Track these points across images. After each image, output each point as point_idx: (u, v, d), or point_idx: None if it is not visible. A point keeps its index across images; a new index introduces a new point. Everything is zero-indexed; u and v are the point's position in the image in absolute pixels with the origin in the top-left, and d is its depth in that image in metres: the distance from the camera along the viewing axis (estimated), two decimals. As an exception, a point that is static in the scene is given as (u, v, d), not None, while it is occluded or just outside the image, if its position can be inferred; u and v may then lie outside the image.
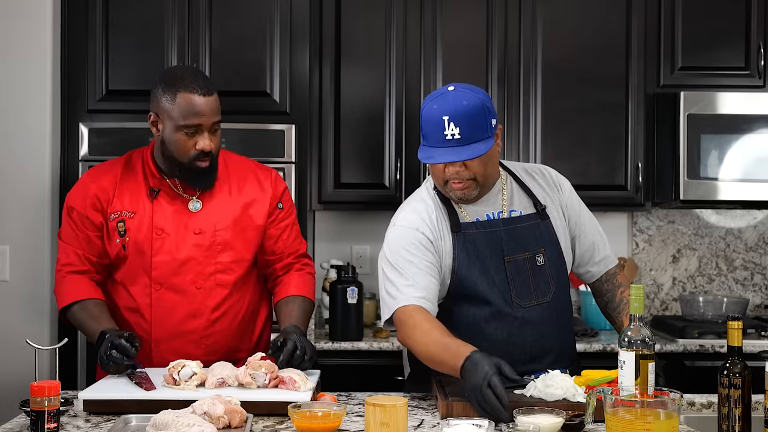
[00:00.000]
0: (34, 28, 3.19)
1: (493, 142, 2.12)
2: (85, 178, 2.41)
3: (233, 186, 2.39)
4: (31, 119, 3.19)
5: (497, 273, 2.18)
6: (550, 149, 3.53)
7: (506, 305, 2.18)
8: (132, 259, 2.31)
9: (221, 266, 2.34)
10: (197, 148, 2.25)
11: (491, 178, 2.21)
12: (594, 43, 3.54)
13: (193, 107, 2.23)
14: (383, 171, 3.53)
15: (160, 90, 2.27)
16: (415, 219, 2.22)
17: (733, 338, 1.74)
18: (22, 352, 2.77)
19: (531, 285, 2.20)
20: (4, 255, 3.17)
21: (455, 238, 2.19)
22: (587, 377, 1.99)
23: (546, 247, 2.23)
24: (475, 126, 2.08)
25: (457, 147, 2.09)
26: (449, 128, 2.07)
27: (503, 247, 2.19)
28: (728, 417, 1.73)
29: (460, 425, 1.69)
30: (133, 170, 2.37)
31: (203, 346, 2.33)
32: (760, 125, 3.44)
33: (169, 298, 2.31)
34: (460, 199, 2.21)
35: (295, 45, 3.32)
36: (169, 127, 2.26)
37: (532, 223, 2.24)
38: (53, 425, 1.68)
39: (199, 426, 1.64)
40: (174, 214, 2.32)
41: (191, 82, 2.24)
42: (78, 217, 2.35)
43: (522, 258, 2.20)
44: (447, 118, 2.07)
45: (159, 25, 3.31)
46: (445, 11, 3.55)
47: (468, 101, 2.09)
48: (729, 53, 3.55)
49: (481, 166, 2.14)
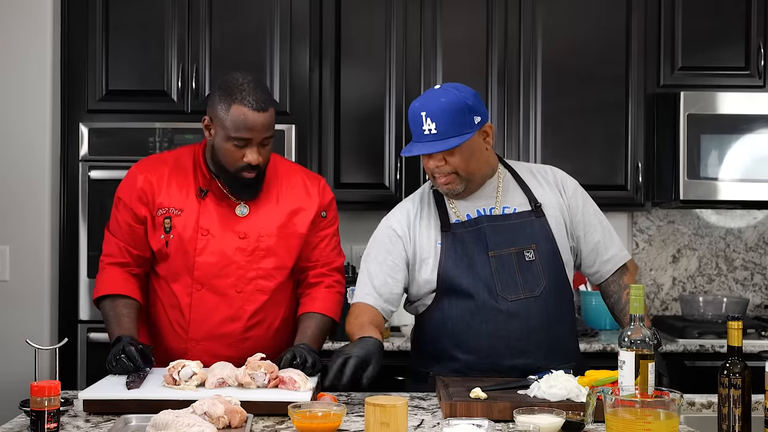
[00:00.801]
0: (34, 28, 3.20)
1: (468, 136, 2.18)
2: (134, 169, 2.39)
3: (281, 192, 2.38)
4: (31, 119, 3.20)
5: (483, 268, 2.23)
6: (550, 149, 3.53)
7: (491, 298, 2.22)
8: (174, 257, 2.31)
9: (263, 272, 2.33)
10: (244, 161, 2.24)
11: (477, 173, 2.27)
12: (594, 43, 3.54)
13: (245, 122, 2.20)
14: (383, 171, 3.53)
15: (217, 97, 2.25)
16: (394, 215, 2.36)
17: (733, 338, 1.74)
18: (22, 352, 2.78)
19: (518, 279, 2.23)
20: (4, 255, 3.17)
21: (444, 237, 2.26)
22: (591, 377, 1.99)
23: (538, 243, 2.26)
24: (451, 122, 2.16)
25: (431, 141, 2.18)
26: (426, 123, 2.17)
27: (488, 243, 2.24)
28: (728, 417, 1.73)
29: (460, 425, 1.69)
30: (184, 167, 2.36)
31: (239, 349, 2.32)
32: (760, 125, 3.44)
33: (209, 300, 2.31)
34: (447, 194, 2.29)
35: (295, 45, 3.32)
36: (220, 135, 2.25)
37: (524, 219, 2.28)
38: (53, 425, 1.68)
39: (199, 426, 1.64)
40: (220, 216, 2.32)
41: (248, 95, 2.21)
42: (124, 208, 2.35)
43: (508, 253, 2.24)
44: (424, 114, 2.17)
45: (159, 25, 3.31)
46: (445, 11, 3.55)
47: (446, 98, 2.18)
48: (729, 53, 3.55)
49: (461, 161, 2.20)
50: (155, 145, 3.27)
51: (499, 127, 3.53)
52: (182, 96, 3.32)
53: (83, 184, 3.28)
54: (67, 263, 3.31)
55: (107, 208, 3.28)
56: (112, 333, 2.27)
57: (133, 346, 2.13)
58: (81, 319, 3.28)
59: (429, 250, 2.28)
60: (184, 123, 3.29)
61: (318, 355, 2.24)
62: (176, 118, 3.31)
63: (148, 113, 3.33)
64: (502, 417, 1.89)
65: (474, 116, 2.19)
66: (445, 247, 2.25)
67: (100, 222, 3.29)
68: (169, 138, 3.27)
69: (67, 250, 3.31)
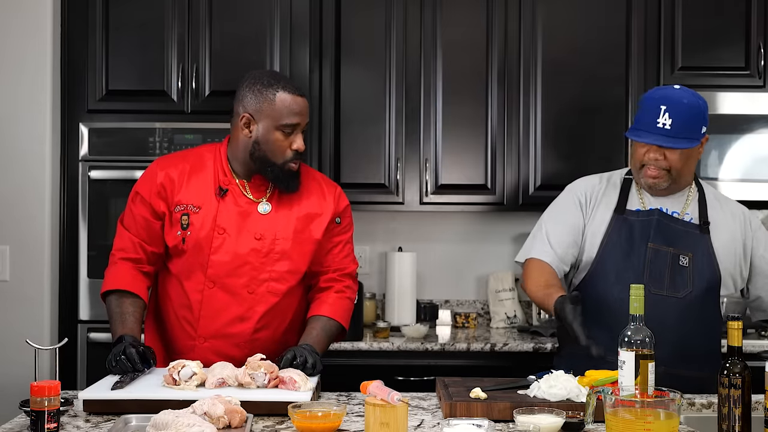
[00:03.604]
0: (33, 28, 3.20)
1: (696, 143, 2.32)
2: (153, 165, 2.39)
3: (300, 196, 2.37)
4: (31, 119, 3.20)
5: (638, 257, 2.35)
6: (550, 149, 3.53)
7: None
8: (190, 254, 2.30)
9: (276, 275, 2.32)
10: (293, 148, 2.28)
11: (684, 178, 2.41)
12: (594, 43, 3.54)
13: (293, 107, 2.27)
14: (383, 171, 3.53)
15: (256, 90, 2.27)
16: (579, 184, 2.53)
17: (733, 338, 1.74)
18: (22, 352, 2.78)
19: (666, 276, 2.33)
20: (4, 255, 3.17)
21: (614, 218, 2.41)
22: (591, 377, 1.99)
23: (695, 254, 2.37)
24: (687, 124, 2.29)
25: (664, 136, 2.29)
26: (662, 117, 2.28)
27: (650, 234, 2.36)
28: (728, 417, 1.73)
29: (460, 425, 1.69)
30: (204, 165, 2.36)
31: (246, 350, 2.31)
32: (760, 125, 3.44)
33: (220, 298, 2.31)
34: (649, 187, 2.40)
35: (295, 45, 3.32)
36: (265, 127, 2.27)
37: (690, 230, 2.40)
38: (53, 425, 1.68)
39: (199, 426, 1.64)
40: (238, 215, 2.31)
41: (288, 83, 2.30)
42: (141, 203, 2.34)
43: (665, 250, 2.35)
44: (664, 108, 2.28)
45: (159, 25, 3.31)
46: (445, 11, 3.55)
47: (688, 100, 2.31)
48: (729, 53, 3.54)
49: (679, 161, 2.33)
50: (155, 145, 3.27)
51: (499, 127, 3.53)
52: (182, 96, 3.32)
53: (83, 184, 3.28)
54: (67, 263, 3.31)
55: (107, 208, 3.30)
56: (115, 331, 2.26)
57: (134, 348, 2.13)
58: (81, 319, 3.28)
59: (598, 227, 2.41)
60: (184, 123, 3.29)
61: (319, 356, 2.24)
62: (176, 118, 3.31)
63: (148, 113, 3.33)
64: (502, 417, 1.89)
65: (703, 126, 2.33)
66: (610, 230, 2.39)
67: (100, 222, 3.30)
68: (169, 138, 3.27)
69: (67, 250, 3.31)
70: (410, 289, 3.65)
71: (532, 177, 3.53)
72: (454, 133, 3.54)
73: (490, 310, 3.79)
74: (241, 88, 2.31)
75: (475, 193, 3.55)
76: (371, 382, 1.76)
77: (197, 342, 2.33)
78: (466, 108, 3.54)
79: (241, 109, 2.30)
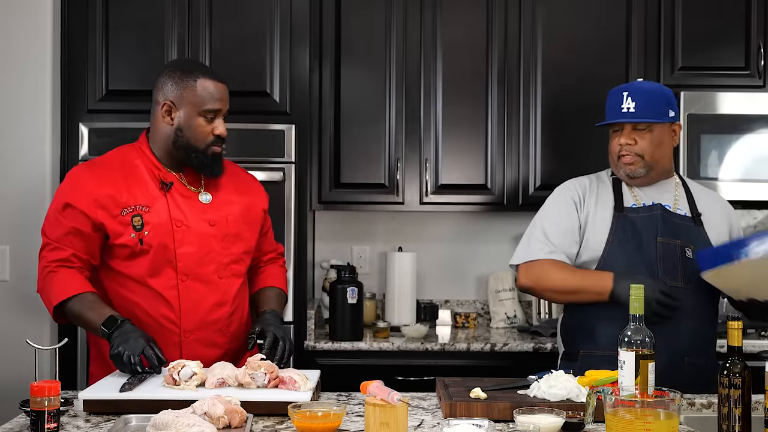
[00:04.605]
0: (34, 28, 3.20)
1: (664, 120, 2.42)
2: (82, 175, 2.32)
3: (234, 183, 2.47)
4: (31, 119, 3.19)
5: (648, 252, 2.40)
6: (550, 149, 3.53)
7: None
8: (154, 252, 2.29)
9: (235, 257, 2.41)
10: (215, 134, 2.33)
11: (659, 164, 2.48)
12: (594, 43, 3.54)
13: (214, 92, 2.32)
14: (383, 171, 3.53)
15: (176, 77, 2.32)
16: (569, 184, 2.58)
17: (733, 338, 1.74)
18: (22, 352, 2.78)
19: (680, 268, 2.39)
20: (4, 255, 3.17)
21: (616, 217, 2.45)
22: (591, 377, 1.99)
23: (696, 245, 2.42)
24: (650, 105, 2.41)
25: (629, 118, 2.42)
26: (626, 102, 2.42)
27: (658, 229, 2.42)
28: (728, 417, 1.73)
29: (460, 425, 1.69)
30: (133, 165, 2.36)
31: (227, 334, 2.39)
32: (760, 125, 3.44)
33: (196, 289, 2.33)
34: (628, 176, 2.47)
35: (295, 45, 3.32)
36: (187, 113, 2.31)
37: (688, 223, 2.47)
38: (53, 425, 1.68)
39: (199, 426, 1.64)
40: (188, 206, 2.35)
41: (208, 70, 2.36)
42: (77, 215, 2.27)
43: (674, 243, 2.41)
44: (626, 94, 2.43)
45: (159, 25, 3.31)
46: (445, 11, 3.55)
47: (649, 85, 2.49)
48: (729, 53, 3.54)
49: (649, 145, 2.43)
50: (155, 145, 3.26)
51: (499, 127, 3.53)
52: (182, 96, 3.32)
53: (83, 184, 3.27)
54: (67, 263, 3.30)
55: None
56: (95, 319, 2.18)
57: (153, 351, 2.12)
58: (81, 319, 3.27)
59: (598, 226, 2.45)
60: (184, 123, 3.28)
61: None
62: (176, 118, 3.30)
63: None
64: (502, 417, 1.90)
65: (670, 109, 2.45)
66: (615, 228, 2.43)
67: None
68: (169, 138, 3.27)
69: (67, 250, 3.30)
70: (410, 289, 3.65)
71: (532, 177, 3.53)
72: (454, 133, 3.54)
73: (490, 310, 3.79)
74: (161, 77, 2.36)
75: (475, 193, 3.55)
76: (371, 382, 1.76)
77: (183, 337, 2.33)
78: (466, 108, 3.54)
79: (161, 97, 2.34)
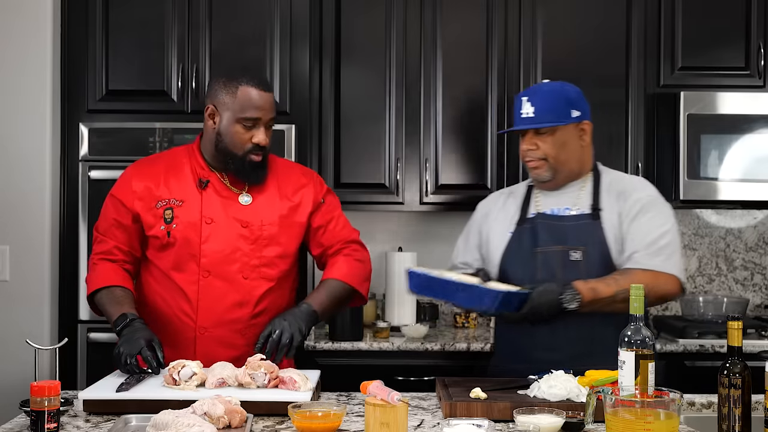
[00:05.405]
0: (34, 29, 3.20)
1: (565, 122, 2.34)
2: (128, 170, 2.45)
3: (280, 184, 2.44)
4: (31, 119, 3.20)
5: (531, 263, 2.37)
6: (550, 149, 3.53)
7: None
8: (179, 246, 2.33)
9: (266, 260, 2.38)
10: (253, 142, 2.33)
11: (566, 165, 2.39)
12: (594, 43, 3.54)
13: (254, 101, 2.31)
14: (383, 171, 3.53)
15: (221, 83, 2.34)
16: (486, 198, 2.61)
17: (733, 338, 1.74)
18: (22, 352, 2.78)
19: (558, 276, 2.30)
20: (4, 255, 3.17)
21: (516, 230, 2.43)
22: (591, 377, 1.99)
23: (588, 245, 2.34)
24: (549, 108, 2.33)
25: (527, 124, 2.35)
26: (525, 107, 2.35)
27: (537, 240, 2.38)
28: (728, 417, 1.73)
29: (460, 425, 1.69)
30: (179, 163, 2.42)
31: (247, 336, 2.36)
32: (760, 125, 3.44)
33: (217, 286, 2.34)
34: (536, 180, 2.43)
35: (295, 45, 3.32)
36: (227, 119, 2.32)
37: (581, 222, 2.37)
38: (53, 425, 1.68)
39: (199, 426, 1.64)
40: (222, 205, 2.36)
41: (253, 77, 2.35)
42: (119, 207, 2.38)
43: (553, 251, 2.35)
44: (525, 99, 2.36)
45: (159, 25, 3.31)
46: (445, 11, 3.54)
47: (549, 87, 2.40)
48: (729, 53, 3.54)
49: (552, 148, 2.35)
50: (155, 145, 3.27)
51: (499, 126, 3.52)
52: (182, 96, 3.32)
53: (83, 184, 3.28)
54: (67, 263, 3.30)
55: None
56: (114, 313, 2.27)
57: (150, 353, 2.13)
58: (81, 319, 3.27)
59: (499, 239, 2.45)
60: (184, 123, 3.28)
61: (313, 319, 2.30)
62: (176, 118, 3.31)
63: (148, 113, 3.33)
64: (502, 417, 1.90)
65: (572, 109, 2.36)
66: (510, 240, 2.43)
67: (100, 222, 3.29)
68: (169, 138, 3.27)
69: (67, 250, 3.31)
70: (410, 289, 3.64)
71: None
72: (454, 133, 3.54)
73: (490, 310, 3.78)
74: (212, 81, 2.40)
75: (475, 193, 3.54)
76: (371, 382, 1.76)
77: (198, 333, 2.34)
78: (465, 108, 3.54)
79: (208, 100, 2.37)
